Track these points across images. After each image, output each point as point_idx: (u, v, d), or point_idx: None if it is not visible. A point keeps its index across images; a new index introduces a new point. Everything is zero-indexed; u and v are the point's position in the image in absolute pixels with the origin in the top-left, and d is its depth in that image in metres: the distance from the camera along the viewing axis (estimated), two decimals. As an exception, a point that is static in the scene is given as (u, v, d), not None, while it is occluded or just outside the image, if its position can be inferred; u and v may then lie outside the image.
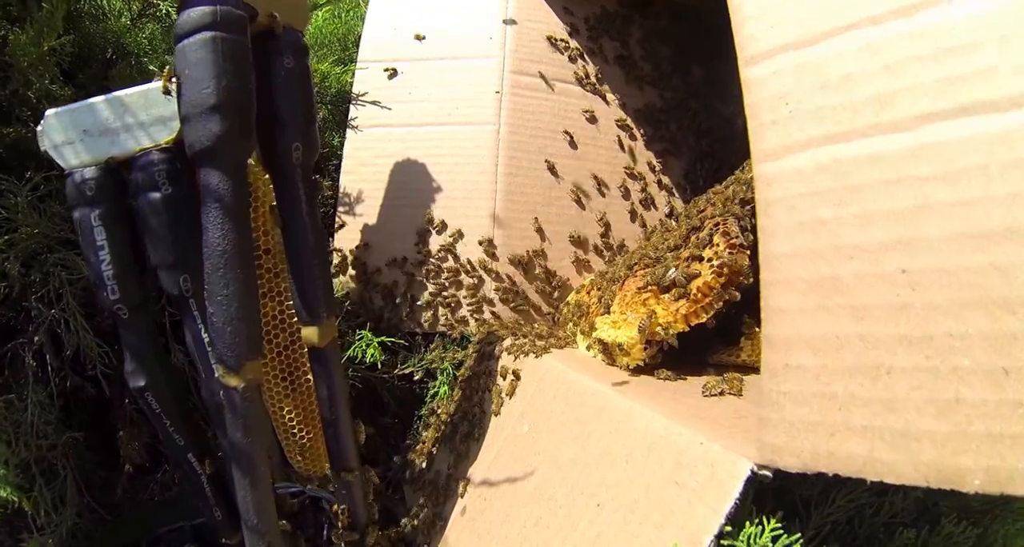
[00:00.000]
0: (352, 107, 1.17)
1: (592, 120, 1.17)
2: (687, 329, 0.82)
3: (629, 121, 1.19)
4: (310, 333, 0.79)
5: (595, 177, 1.15)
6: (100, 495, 1.07)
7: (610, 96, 1.18)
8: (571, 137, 1.15)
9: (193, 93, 0.69)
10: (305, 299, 0.78)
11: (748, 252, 0.80)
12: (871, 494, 0.72)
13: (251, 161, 0.81)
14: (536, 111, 1.14)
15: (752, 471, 0.54)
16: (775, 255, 0.53)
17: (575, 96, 1.17)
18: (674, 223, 1.01)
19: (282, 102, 0.77)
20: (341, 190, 1.17)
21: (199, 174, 0.71)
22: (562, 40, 1.16)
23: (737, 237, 0.81)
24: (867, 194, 0.50)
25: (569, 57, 1.16)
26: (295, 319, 0.85)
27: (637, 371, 0.85)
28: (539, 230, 1.12)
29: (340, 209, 1.16)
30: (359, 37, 1.21)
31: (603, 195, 1.16)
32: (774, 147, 0.55)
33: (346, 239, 1.15)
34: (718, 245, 0.82)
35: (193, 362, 0.85)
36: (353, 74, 1.19)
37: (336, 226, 1.17)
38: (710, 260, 0.82)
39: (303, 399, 0.87)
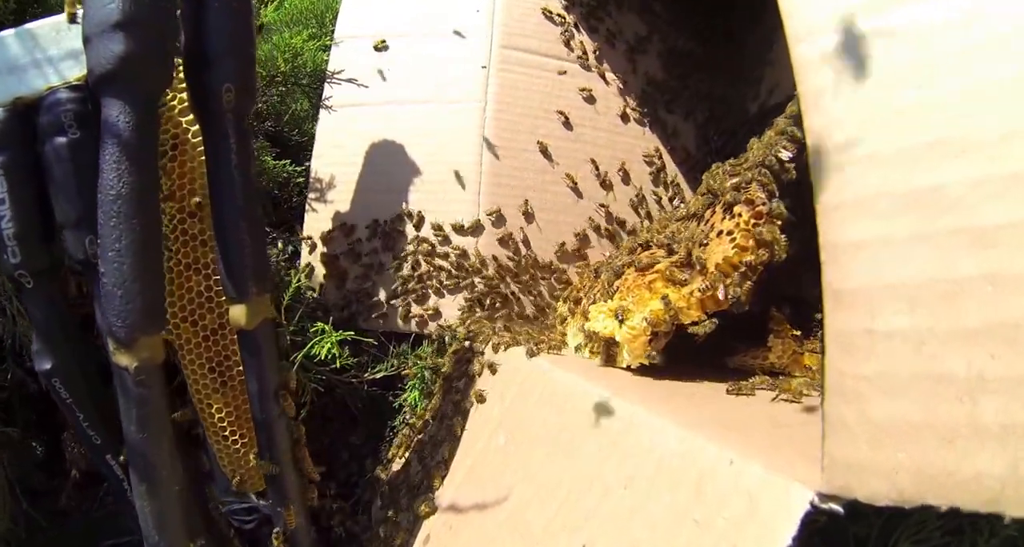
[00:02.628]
0: (327, 86, 1.01)
1: (590, 100, 1.00)
2: (704, 317, 0.63)
3: (630, 102, 1.02)
4: (237, 312, 0.61)
5: (593, 161, 0.98)
6: (41, 501, 0.90)
7: (610, 75, 1.02)
8: (566, 118, 0.98)
9: (96, 9, 0.55)
10: (231, 270, 0.61)
11: (779, 222, 0.62)
12: (944, 533, 0.53)
13: (176, 103, 0.64)
14: (527, 88, 0.97)
15: (812, 504, 0.34)
16: (838, 163, 0.35)
17: (571, 74, 1.00)
18: (683, 206, 0.83)
19: (213, 34, 0.61)
20: (312, 175, 1.00)
21: (101, 106, 0.55)
22: (558, 14, 1.00)
23: (764, 204, 0.63)
24: (968, 62, 0.32)
25: (565, 32, 1.00)
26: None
27: (641, 371, 0.66)
28: (530, 218, 0.94)
29: (311, 195, 0.99)
30: (337, 14, 1.06)
31: (601, 181, 0.98)
32: (819, 20, 0.37)
33: (316, 227, 0.98)
34: (740, 215, 0.64)
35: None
36: (329, 51, 1.03)
37: (306, 213, 0.99)
38: (731, 233, 0.64)
39: (237, 395, 0.68)
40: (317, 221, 0.98)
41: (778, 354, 0.73)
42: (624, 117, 1.01)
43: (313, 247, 0.97)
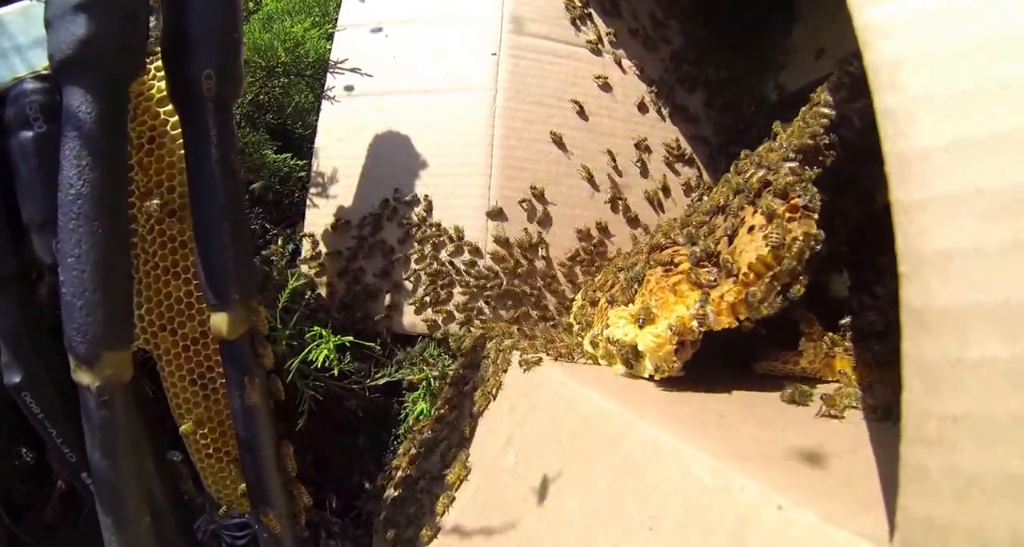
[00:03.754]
0: (329, 76, 0.95)
1: (606, 88, 0.92)
2: (735, 323, 0.56)
3: (648, 90, 0.94)
4: (218, 321, 0.55)
5: (609, 152, 0.90)
6: (26, 514, 0.84)
7: (626, 62, 0.94)
8: (581, 107, 0.90)
9: (59, -9, 0.49)
10: (211, 275, 0.54)
11: (815, 216, 0.55)
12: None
13: (155, 93, 0.58)
14: (540, 76, 0.90)
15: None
16: (922, 151, 0.27)
17: (586, 60, 0.93)
18: (707, 199, 0.76)
19: (194, 16, 0.55)
20: (314, 169, 0.93)
21: (62, 95, 0.49)
22: (571, -2, 0.93)
23: (799, 196, 0.56)
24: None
25: (579, 16, 0.93)
26: (210, 304, 0.61)
27: (665, 383, 0.59)
28: (543, 214, 0.87)
29: (312, 190, 0.93)
30: (341, 2, 0.99)
31: (619, 174, 0.91)
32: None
33: (318, 224, 0.92)
34: (774, 209, 0.57)
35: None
36: (332, 40, 0.97)
37: (307, 208, 0.93)
38: (763, 228, 0.57)
39: (221, 410, 0.62)
40: (319, 217, 0.92)
41: (810, 358, 0.65)
42: (642, 106, 0.94)
43: (314, 244, 0.91)
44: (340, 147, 0.92)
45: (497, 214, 0.86)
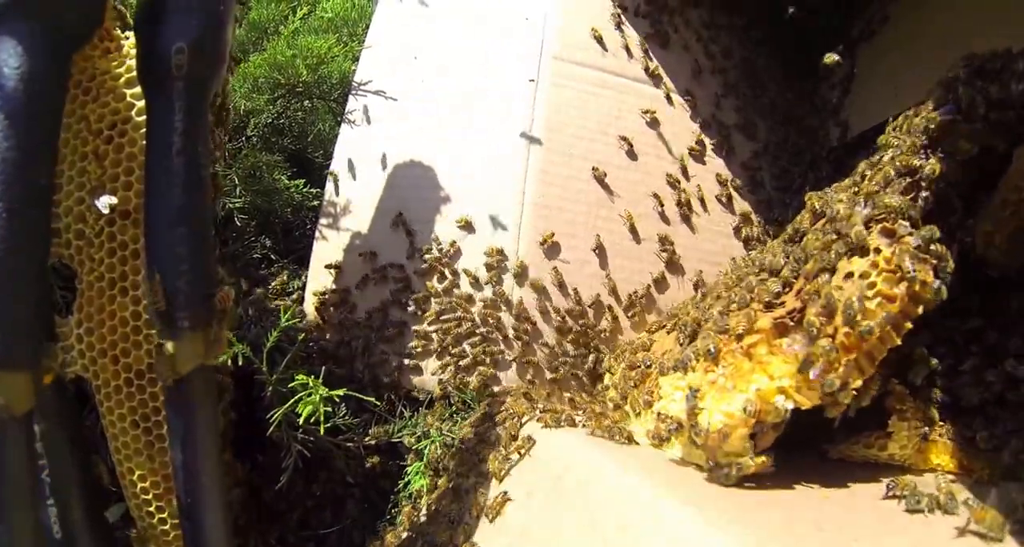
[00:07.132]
0: (351, 98, 0.84)
1: (653, 123, 0.80)
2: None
3: (700, 128, 0.82)
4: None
5: (656, 196, 0.77)
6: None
7: (676, 96, 0.82)
8: (629, 144, 0.78)
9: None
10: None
11: (934, 262, 0.40)
12: None
13: (123, 71, 0.46)
14: (582, 107, 0.78)
15: None
16: None
17: (633, 93, 0.80)
18: (771, 246, 0.61)
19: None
20: (326, 198, 0.81)
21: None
22: (617, 26, 0.82)
23: (909, 233, 0.41)
24: None
25: (625, 46, 0.81)
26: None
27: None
28: (582, 261, 0.73)
29: (322, 221, 0.81)
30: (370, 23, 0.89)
31: (667, 222, 0.77)
32: None
33: (326, 259, 0.78)
34: (880, 250, 0.42)
35: None
36: (358, 62, 0.86)
37: (315, 240, 0.80)
38: (865, 276, 0.42)
39: (168, 461, 0.47)
40: (327, 251, 0.79)
41: (902, 443, 0.50)
42: (692, 144, 0.81)
43: (320, 281, 0.78)
44: (356, 175, 0.80)
45: (522, 267, 0.72)
